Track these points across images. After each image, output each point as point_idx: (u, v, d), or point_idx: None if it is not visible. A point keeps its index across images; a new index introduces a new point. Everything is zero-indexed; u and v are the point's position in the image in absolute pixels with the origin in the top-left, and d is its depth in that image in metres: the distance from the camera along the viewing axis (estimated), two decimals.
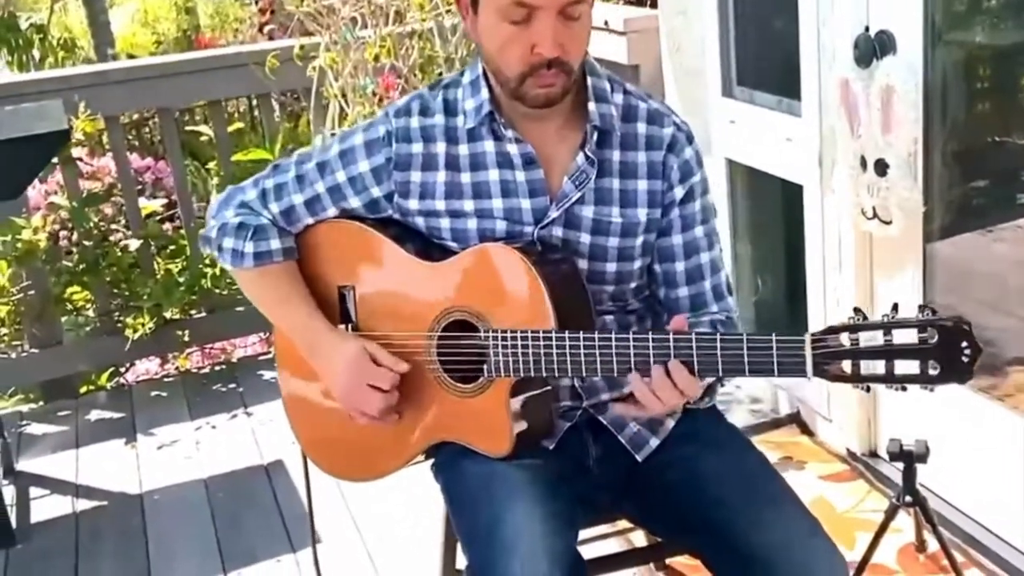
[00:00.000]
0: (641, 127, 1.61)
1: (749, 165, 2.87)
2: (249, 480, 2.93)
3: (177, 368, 3.93)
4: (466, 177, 1.61)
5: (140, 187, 4.05)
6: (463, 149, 1.61)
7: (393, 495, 2.72)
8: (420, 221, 1.64)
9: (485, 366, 1.54)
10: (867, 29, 2.28)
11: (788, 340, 1.37)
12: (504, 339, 1.51)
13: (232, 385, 3.53)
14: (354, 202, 1.65)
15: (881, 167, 2.27)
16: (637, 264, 1.65)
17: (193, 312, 3.63)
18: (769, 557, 1.47)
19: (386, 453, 1.69)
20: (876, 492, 2.51)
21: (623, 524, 1.89)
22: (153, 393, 3.57)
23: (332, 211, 1.67)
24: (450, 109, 1.62)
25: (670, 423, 1.67)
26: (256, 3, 5.95)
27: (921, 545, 2.26)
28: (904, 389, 1.35)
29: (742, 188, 2.95)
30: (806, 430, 2.80)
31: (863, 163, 2.31)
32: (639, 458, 1.65)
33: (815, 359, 1.35)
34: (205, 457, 3.08)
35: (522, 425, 1.56)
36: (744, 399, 3.03)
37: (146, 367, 4.13)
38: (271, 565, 2.54)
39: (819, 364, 1.35)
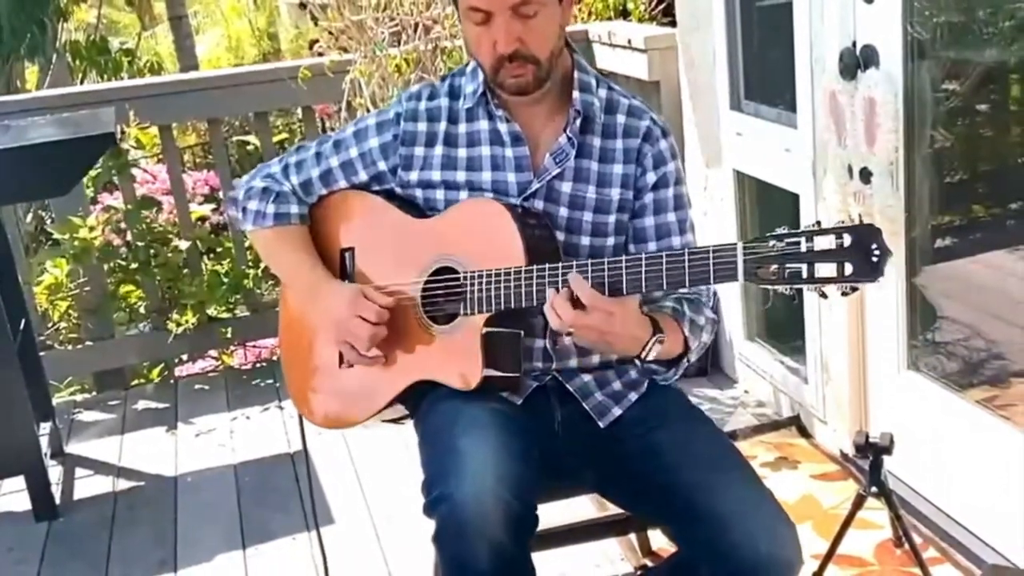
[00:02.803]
0: (621, 118, 1.81)
1: (754, 176, 2.97)
2: (275, 466, 3.11)
3: (221, 364, 4.15)
4: (462, 152, 1.82)
5: (206, 199, 4.29)
6: (462, 128, 1.82)
7: (407, 481, 2.87)
8: (418, 193, 1.84)
9: (461, 305, 1.71)
10: (854, 44, 2.38)
11: (722, 248, 1.52)
12: (479, 278, 1.69)
13: (270, 381, 3.72)
14: (362, 175, 1.87)
15: (865, 175, 2.36)
16: (610, 241, 1.80)
17: (236, 312, 3.85)
18: (719, 521, 1.56)
19: (371, 393, 1.84)
20: None
21: (614, 509, 1.98)
22: (196, 386, 3.78)
23: (343, 183, 1.89)
24: (454, 93, 1.84)
25: (633, 395, 1.80)
26: (316, 24, 6.19)
27: (898, 540, 2.32)
28: (824, 296, 1.49)
29: (750, 198, 3.04)
30: (804, 432, 2.88)
31: (850, 171, 2.40)
32: (601, 425, 1.78)
33: (746, 264, 1.48)
34: (237, 444, 3.27)
35: (492, 371, 1.69)
36: (750, 403, 3.12)
37: (200, 366, 4.35)
38: (287, 542, 2.71)
39: (749, 268, 1.48)
